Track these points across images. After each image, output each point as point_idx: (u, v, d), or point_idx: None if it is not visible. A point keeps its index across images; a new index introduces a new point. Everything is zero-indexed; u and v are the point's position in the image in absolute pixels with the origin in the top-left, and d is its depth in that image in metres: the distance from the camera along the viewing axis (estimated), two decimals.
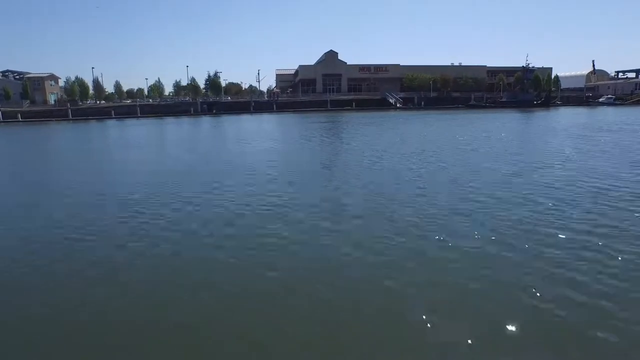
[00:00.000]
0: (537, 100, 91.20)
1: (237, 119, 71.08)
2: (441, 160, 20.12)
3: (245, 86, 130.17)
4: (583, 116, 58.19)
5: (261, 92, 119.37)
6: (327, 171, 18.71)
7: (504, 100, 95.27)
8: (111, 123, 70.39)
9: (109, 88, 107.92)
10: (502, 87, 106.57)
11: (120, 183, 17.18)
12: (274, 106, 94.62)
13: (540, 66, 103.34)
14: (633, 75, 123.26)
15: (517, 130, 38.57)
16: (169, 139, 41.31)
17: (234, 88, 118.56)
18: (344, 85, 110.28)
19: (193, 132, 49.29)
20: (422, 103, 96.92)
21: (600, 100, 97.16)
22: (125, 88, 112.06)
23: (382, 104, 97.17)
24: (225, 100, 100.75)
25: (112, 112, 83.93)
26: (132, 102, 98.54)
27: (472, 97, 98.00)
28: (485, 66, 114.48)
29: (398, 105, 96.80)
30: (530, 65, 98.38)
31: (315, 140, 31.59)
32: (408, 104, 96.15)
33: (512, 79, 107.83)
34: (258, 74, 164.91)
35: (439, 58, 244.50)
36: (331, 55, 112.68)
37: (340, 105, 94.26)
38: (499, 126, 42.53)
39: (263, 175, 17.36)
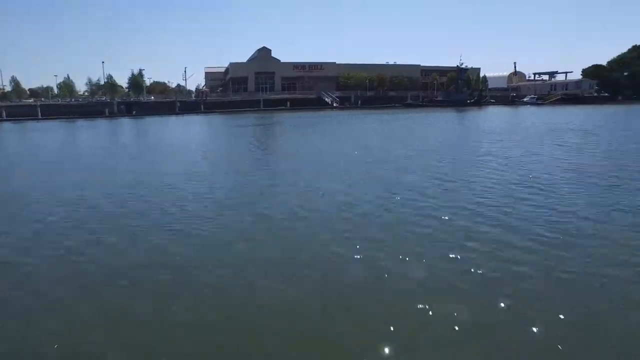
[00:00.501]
0: (470, 100, 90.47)
1: (158, 121, 61.34)
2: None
3: (172, 85, 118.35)
4: (526, 115, 55.67)
5: (189, 92, 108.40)
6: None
7: (439, 99, 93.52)
8: (5, 127, 57.43)
9: (7, 86, 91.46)
10: (435, 86, 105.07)
11: None
12: (202, 106, 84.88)
13: (470, 66, 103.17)
14: (547, 77, 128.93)
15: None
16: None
17: (158, 87, 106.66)
18: (278, 84, 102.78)
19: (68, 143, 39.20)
20: (359, 102, 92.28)
21: (525, 100, 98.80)
22: (30, 86, 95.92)
23: (318, 104, 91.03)
24: (148, 100, 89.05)
25: (4, 112, 69.47)
26: (35, 101, 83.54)
27: (409, 96, 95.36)
28: (419, 65, 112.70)
29: (335, 104, 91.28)
30: (464, 65, 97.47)
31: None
32: (345, 104, 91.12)
33: (444, 79, 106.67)
34: (185, 72, 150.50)
35: (374, 57, 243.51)
36: (264, 52, 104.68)
37: (274, 105, 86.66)
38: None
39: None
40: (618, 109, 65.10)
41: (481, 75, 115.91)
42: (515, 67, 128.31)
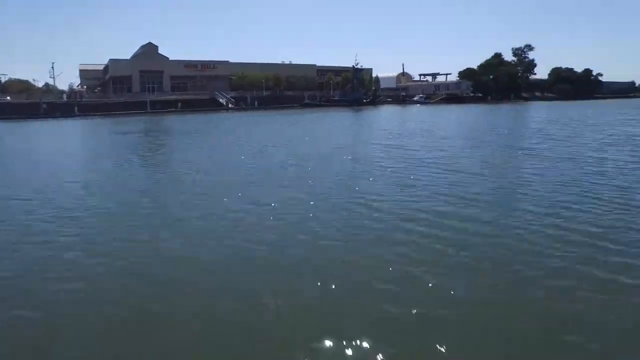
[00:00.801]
0: (366, 99, 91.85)
1: (10, 127, 49.85)
2: None
3: (40, 84, 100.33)
4: (424, 113, 56.73)
5: (61, 92, 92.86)
6: None
7: (337, 99, 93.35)
8: None
9: None
10: (331, 86, 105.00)
11: None
12: (76, 109, 72.82)
13: (363, 66, 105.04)
14: (430, 78, 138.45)
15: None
16: None
17: (17, 86, 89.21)
18: (167, 83, 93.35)
19: None
20: (256, 103, 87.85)
21: (415, 99, 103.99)
22: None
23: (212, 105, 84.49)
24: (2, 101, 73.64)
25: None
26: None
27: (306, 96, 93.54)
28: (315, 65, 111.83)
29: (230, 105, 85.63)
30: (359, 65, 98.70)
31: None
32: (241, 104, 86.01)
33: (339, 79, 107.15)
34: (52, 68, 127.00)
35: (269, 56, 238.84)
36: (150, 49, 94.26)
37: (164, 107, 78.02)
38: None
39: None
40: (490, 107, 74.08)
41: (373, 75, 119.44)
42: (403, 68, 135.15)
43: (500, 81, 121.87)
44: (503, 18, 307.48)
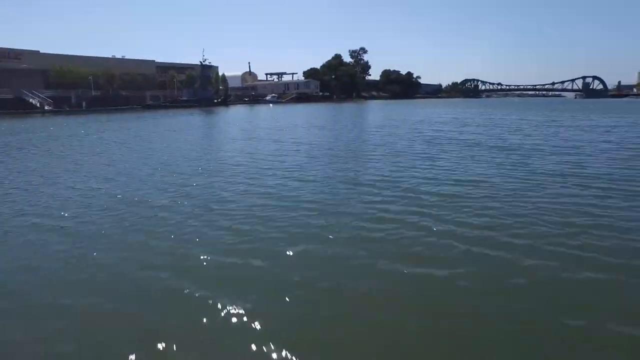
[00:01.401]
0: (217, 99, 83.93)
1: None
2: None
3: None
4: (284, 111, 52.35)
5: None
6: None
7: (184, 99, 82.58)
8: None
9: None
10: (175, 85, 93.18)
11: None
12: None
13: (211, 64, 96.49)
14: (277, 77, 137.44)
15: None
16: None
17: None
18: None
19: None
20: (84, 104, 71.38)
21: (267, 98, 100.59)
22: None
23: (19, 107, 64.97)
24: None
25: None
26: None
27: (148, 96, 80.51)
28: (154, 61, 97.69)
29: (46, 107, 67.36)
30: (208, 62, 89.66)
31: None
32: (63, 106, 68.53)
33: (183, 77, 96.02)
34: None
35: (96, 49, 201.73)
36: None
37: None
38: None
39: None
40: (337, 105, 77.85)
41: (219, 74, 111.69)
42: (249, 67, 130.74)
43: (342, 81, 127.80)
44: (342, 18, 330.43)
